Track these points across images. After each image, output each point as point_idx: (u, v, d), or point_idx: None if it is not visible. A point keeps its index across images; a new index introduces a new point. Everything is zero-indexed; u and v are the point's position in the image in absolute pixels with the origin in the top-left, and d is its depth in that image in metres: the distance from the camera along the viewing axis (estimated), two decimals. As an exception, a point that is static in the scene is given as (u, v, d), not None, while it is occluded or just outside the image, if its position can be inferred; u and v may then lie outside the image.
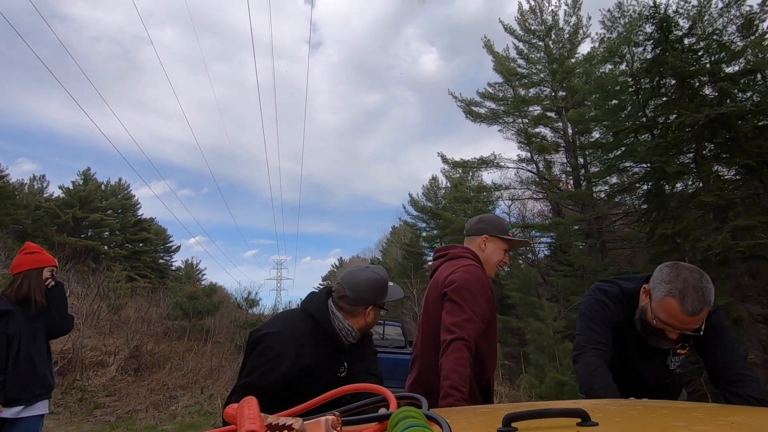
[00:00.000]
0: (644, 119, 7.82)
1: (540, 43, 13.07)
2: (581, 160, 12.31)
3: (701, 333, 1.39)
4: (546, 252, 14.54)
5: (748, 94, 6.95)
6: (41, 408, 2.30)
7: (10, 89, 40.66)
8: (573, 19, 12.78)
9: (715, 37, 7.16)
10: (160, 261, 27.76)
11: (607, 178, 10.94)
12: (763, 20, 7.25)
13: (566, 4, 12.79)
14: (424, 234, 20.88)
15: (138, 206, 25.88)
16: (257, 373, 1.42)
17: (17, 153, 47.44)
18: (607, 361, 1.45)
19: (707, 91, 7.26)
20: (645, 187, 8.24)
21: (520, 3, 13.22)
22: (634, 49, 8.10)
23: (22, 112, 42.29)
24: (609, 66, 9.59)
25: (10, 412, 2.14)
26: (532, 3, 13.08)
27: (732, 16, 7.43)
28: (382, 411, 0.56)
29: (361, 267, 1.65)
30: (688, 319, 1.32)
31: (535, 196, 13.63)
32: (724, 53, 7.15)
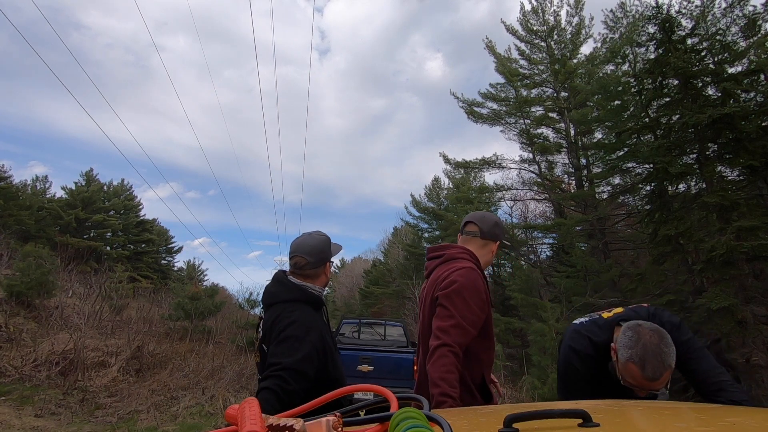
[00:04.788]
0: (647, 120, 7.80)
1: (542, 44, 13.05)
2: (584, 161, 12.28)
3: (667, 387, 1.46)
4: (548, 253, 14.52)
5: (752, 94, 6.92)
6: None
7: (26, 95, 41.37)
8: (575, 20, 12.77)
9: (718, 37, 7.14)
10: (162, 262, 27.83)
11: (610, 178, 10.92)
12: (767, 20, 7.23)
13: (568, 5, 12.78)
14: (426, 235, 20.86)
15: (140, 207, 25.98)
16: (301, 354, 1.48)
17: (29, 156, 47.99)
18: None
19: (710, 91, 7.23)
20: (648, 187, 8.21)
21: (522, 3, 13.23)
22: (636, 49, 8.08)
23: (36, 117, 42.95)
24: (611, 66, 9.57)
25: None
26: (534, 3, 13.07)
27: (735, 17, 7.41)
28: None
29: (303, 236, 1.81)
30: (650, 384, 1.39)
31: (537, 196, 13.61)
32: (727, 53, 7.12)
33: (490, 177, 47.57)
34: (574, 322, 1.77)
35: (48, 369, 6.85)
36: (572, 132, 12.47)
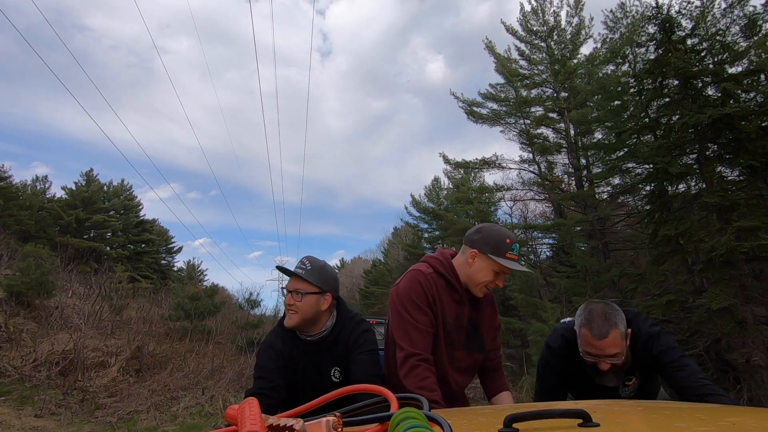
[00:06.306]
0: (647, 120, 7.79)
1: (542, 44, 13.05)
2: (583, 161, 12.27)
3: (622, 359, 1.56)
4: (548, 253, 14.51)
5: (752, 94, 6.91)
6: None
7: (29, 96, 41.51)
8: (575, 20, 12.77)
9: (718, 37, 7.13)
10: (162, 262, 27.82)
11: (610, 179, 10.91)
12: (767, 20, 7.23)
13: (568, 5, 12.77)
14: (426, 235, 20.86)
15: (140, 207, 25.98)
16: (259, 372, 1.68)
17: (32, 157, 48.17)
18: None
19: (710, 91, 7.22)
20: (648, 188, 8.20)
21: (521, 4, 13.23)
22: (636, 49, 8.08)
23: (39, 118, 43.18)
24: (611, 67, 9.57)
25: None
26: (534, 3, 13.07)
27: (735, 17, 7.41)
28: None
29: None
30: (600, 343, 1.51)
31: (537, 197, 13.60)
32: (727, 54, 7.12)
33: (490, 177, 47.63)
34: (561, 320, 1.93)
35: (48, 369, 6.85)
36: (572, 132, 12.47)
